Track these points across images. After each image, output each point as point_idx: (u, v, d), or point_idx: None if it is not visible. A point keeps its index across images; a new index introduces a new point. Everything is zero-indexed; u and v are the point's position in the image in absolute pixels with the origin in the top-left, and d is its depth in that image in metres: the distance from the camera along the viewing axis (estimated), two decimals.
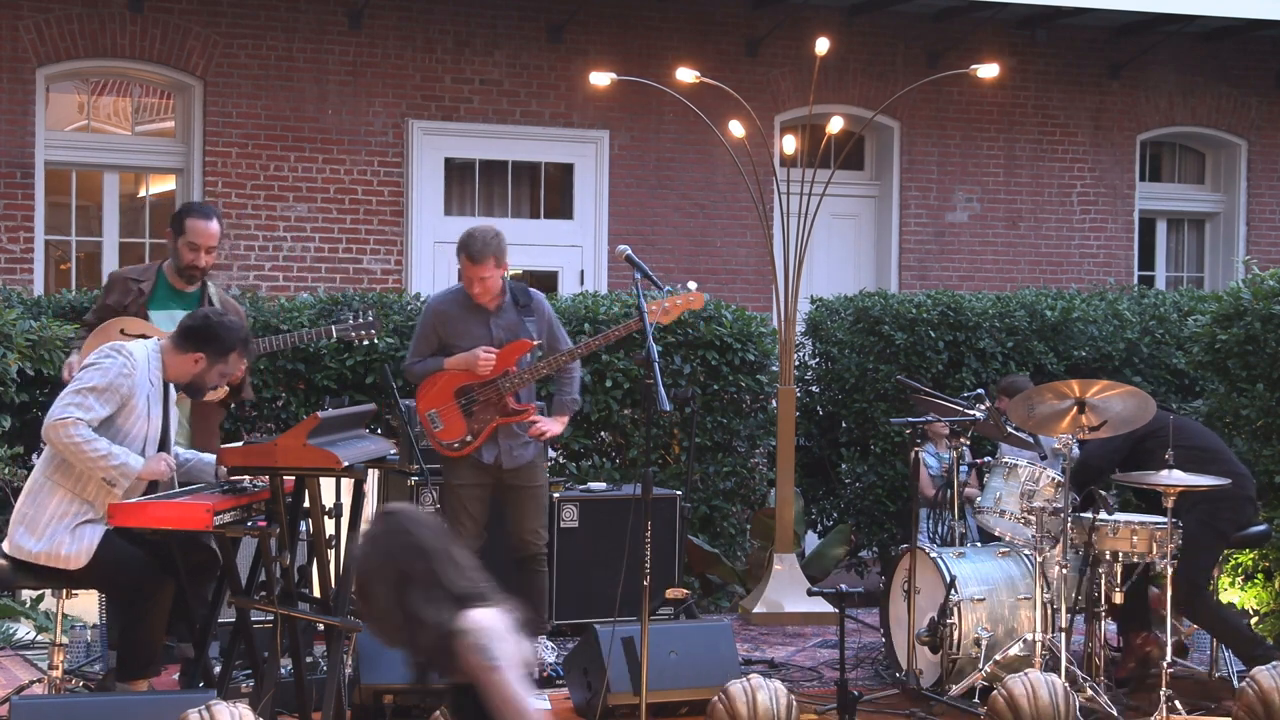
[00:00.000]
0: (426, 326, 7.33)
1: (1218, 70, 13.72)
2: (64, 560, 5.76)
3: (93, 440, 5.71)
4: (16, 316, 7.98)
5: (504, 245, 7.22)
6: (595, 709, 6.39)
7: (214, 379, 6.08)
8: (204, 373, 6.00)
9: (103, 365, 5.82)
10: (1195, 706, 6.84)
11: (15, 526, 5.83)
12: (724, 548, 9.44)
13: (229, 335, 6.01)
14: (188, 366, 5.99)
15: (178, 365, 6.00)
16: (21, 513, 5.83)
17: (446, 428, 7.22)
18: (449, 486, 7.30)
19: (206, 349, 5.98)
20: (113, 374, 5.79)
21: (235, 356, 6.05)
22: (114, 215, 11.32)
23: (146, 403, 5.90)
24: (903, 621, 7.24)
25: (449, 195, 11.93)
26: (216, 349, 5.98)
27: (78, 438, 5.69)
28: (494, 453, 7.20)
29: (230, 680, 6.20)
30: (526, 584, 7.31)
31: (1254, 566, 8.61)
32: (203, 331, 6.01)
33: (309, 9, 11.41)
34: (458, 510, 7.24)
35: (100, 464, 5.71)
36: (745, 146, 9.35)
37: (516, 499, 7.29)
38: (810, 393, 10.47)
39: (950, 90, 12.72)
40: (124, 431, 5.83)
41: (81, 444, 5.69)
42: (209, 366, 5.99)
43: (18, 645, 7.47)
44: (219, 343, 5.98)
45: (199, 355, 5.97)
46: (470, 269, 7.16)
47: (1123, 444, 7.10)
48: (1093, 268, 13.36)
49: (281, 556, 5.74)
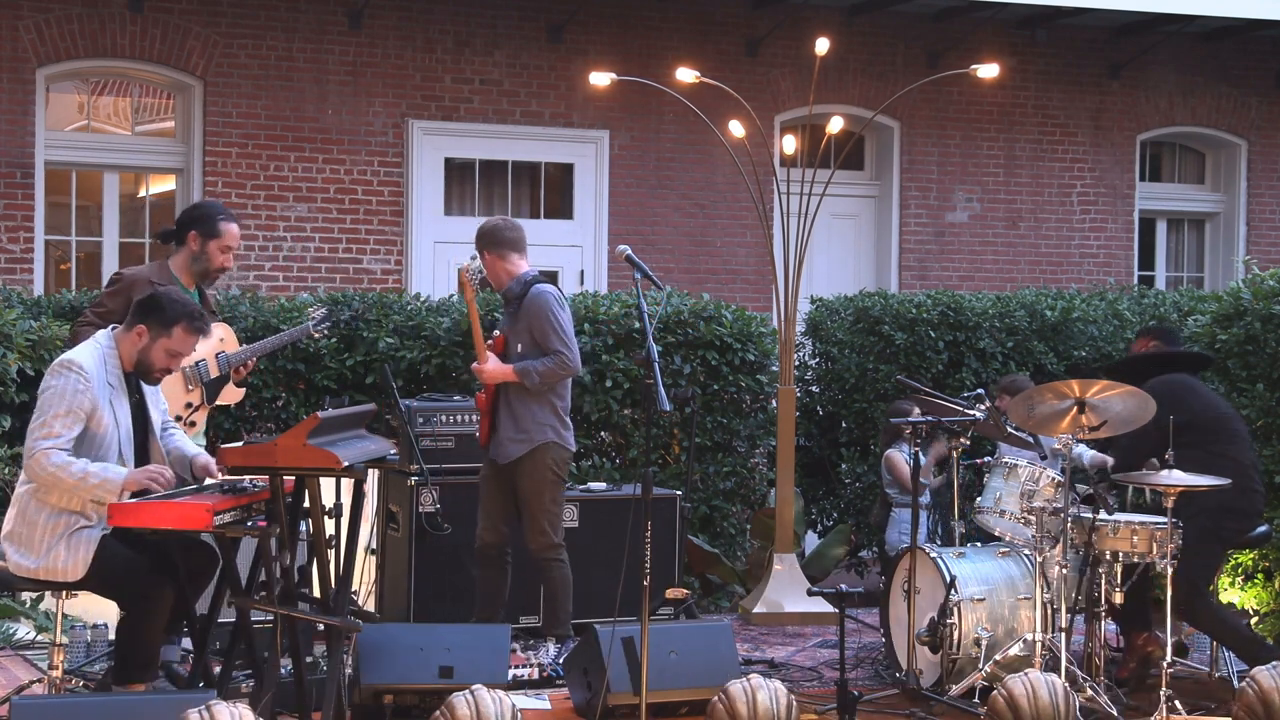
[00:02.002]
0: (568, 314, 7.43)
1: (1218, 70, 13.73)
2: (61, 573, 5.76)
3: (69, 465, 5.68)
4: (16, 316, 7.99)
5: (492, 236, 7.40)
6: (595, 709, 6.39)
7: (159, 358, 5.93)
8: (149, 348, 5.90)
9: (56, 388, 5.76)
10: (1195, 706, 6.83)
11: (8, 545, 5.82)
12: (724, 548, 9.44)
13: (173, 307, 5.92)
14: (133, 343, 5.92)
15: (127, 345, 5.93)
16: (14, 532, 5.81)
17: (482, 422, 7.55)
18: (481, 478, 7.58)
19: (149, 320, 5.90)
20: (69, 395, 5.74)
21: (180, 331, 5.91)
22: (114, 215, 11.33)
23: (110, 406, 5.85)
24: (903, 621, 7.23)
25: (449, 195, 11.93)
26: (159, 320, 5.88)
27: (52, 467, 5.67)
28: (494, 446, 7.44)
29: (230, 680, 6.20)
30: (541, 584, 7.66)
31: (1254, 566, 8.61)
32: (146, 303, 5.96)
33: (309, 9, 11.42)
34: (479, 502, 7.52)
35: (81, 487, 5.70)
36: (745, 146, 9.35)
37: (520, 499, 7.45)
38: (810, 393, 10.47)
39: (950, 90, 12.72)
40: (98, 439, 5.80)
41: (58, 471, 5.67)
42: (152, 341, 5.89)
43: (18, 645, 7.47)
44: (162, 313, 5.89)
45: (142, 328, 5.90)
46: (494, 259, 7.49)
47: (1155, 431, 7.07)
48: (1093, 268, 13.36)
49: (281, 556, 5.74)
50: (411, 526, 7.99)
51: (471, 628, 7.07)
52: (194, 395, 6.88)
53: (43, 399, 5.80)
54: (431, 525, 7.91)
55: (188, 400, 6.84)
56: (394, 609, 8.12)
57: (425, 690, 6.39)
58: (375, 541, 8.23)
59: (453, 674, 6.37)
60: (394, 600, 8.16)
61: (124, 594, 5.89)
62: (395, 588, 8.17)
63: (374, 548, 8.21)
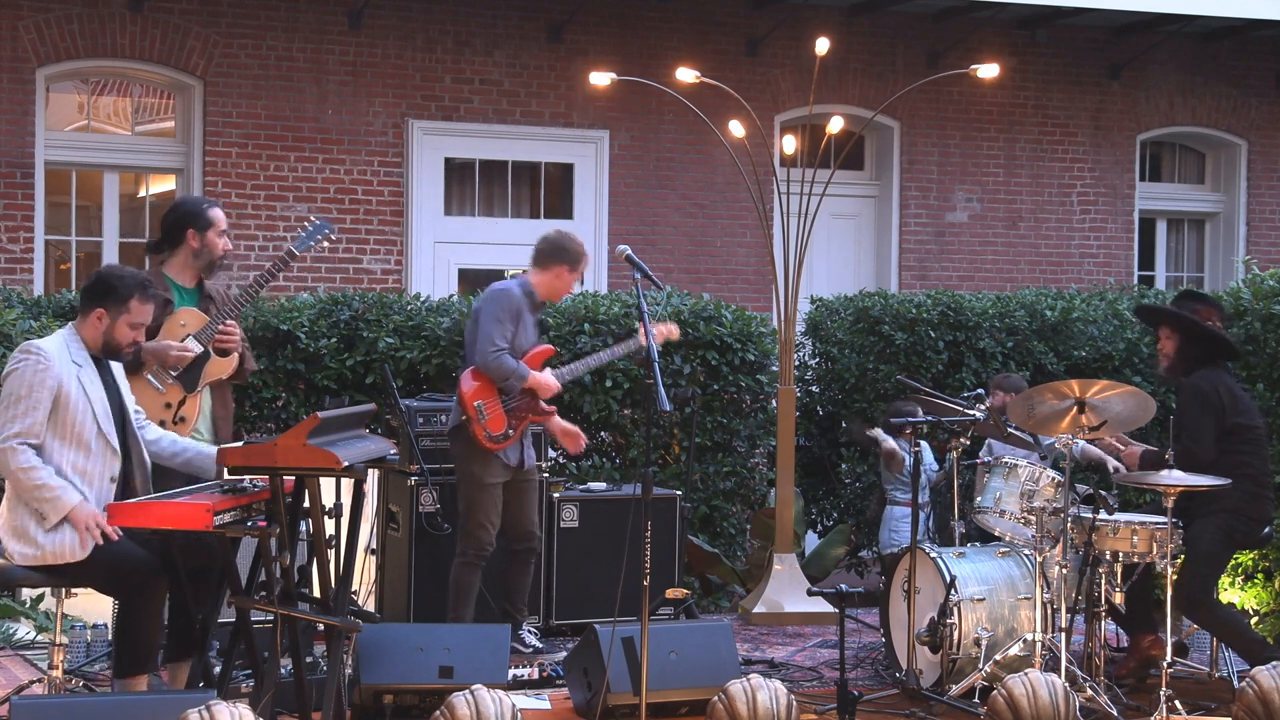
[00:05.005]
0: (510, 312, 7.50)
1: (1218, 70, 13.73)
2: (69, 554, 5.74)
3: (32, 469, 5.73)
4: (16, 316, 7.99)
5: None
6: (595, 709, 6.39)
7: (124, 333, 5.98)
8: (111, 328, 5.95)
9: (16, 371, 5.81)
10: (1195, 706, 6.83)
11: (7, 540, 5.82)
12: (724, 548, 9.44)
13: (122, 282, 5.97)
14: (95, 327, 5.96)
15: (89, 331, 5.97)
16: (11, 526, 5.81)
17: (491, 419, 7.49)
18: (481, 484, 7.54)
19: (104, 302, 5.95)
20: (28, 376, 5.78)
21: (136, 303, 5.96)
22: (114, 215, 11.33)
23: (79, 384, 5.87)
24: (903, 621, 7.23)
25: (449, 195, 11.93)
26: (114, 299, 5.93)
27: (14, 465, 5.73)
28: (518, 453, 7.61)
29: (230, 680, 6.20)
30: (520, 574, 7.79)
31: (1254, 566, 8.62)
32: (95, 287, 6.00)
33: (309, 9, 11.42)
34: (488, 508, 7.56)
35: (35, 495, 5.72)
36: (745, 146, 9.35)
37: (521, 493, 7.68)
38: (810, 393, 10.46)
39: (950, 90, 12.72)
40: (69, 416, 5.81)
41: (19, 471, 5.73)
42: (113, 321, 5.94)
43: (18, 645, 7.47)
44: (114, 293, 5.94)
45: (100, 311, 5.94)
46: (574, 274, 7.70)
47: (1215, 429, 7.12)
48: (1093, 268, 13.36)
49: (281, 556, 5.73)
50: (411, 526, 7.99)
51: (471, 627, 7.08)
52: (171, 395, 6.78)
53: (5, 389, 5.82)
54: (431, 525, 7.91)
55: (165, 401, 6.75)
56: (394, 609, 8.12)
57: (425, 690, 6.39)
58: (375, 541, 8.23)
59: (453, 674, 6.37)
60: (394, 600, 8.16)
61: (120, 585, 5.88)
62: (395, 588, 8.17)
63: (374, 548, 8.21)
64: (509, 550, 7.77)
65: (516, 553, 7.78)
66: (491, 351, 7.42)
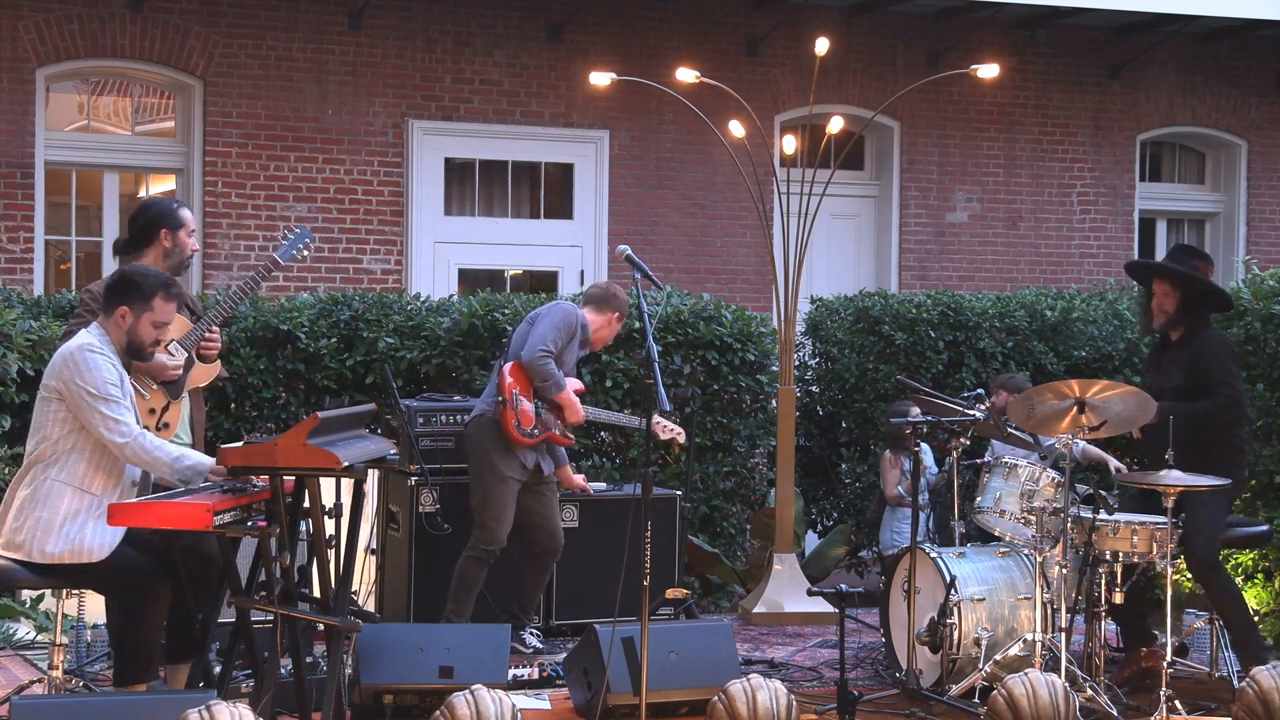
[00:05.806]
0: (568, 330, 7.70)
1: (1218, 70, 13.73)
2: (88, 554, 5.73)
3: (161, 446, 5.81)
4: (16, 316, 7.99)
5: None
6: (595, 709, 6.39)
7: (147, 332, 5.97)
8: (135, 326, 5.95)
9: (96, 366, 5.80)
10: (1195, 706, 6.83)
11: (30, 534, 5.77)
12: (724, 548, 9.44)
13: (146, 280, 5.97)
14: (119, 326, 5.96)
15: (114, 331, 5.97)
16: (36, 517, 5.77)
17: (524, 411, 7.59)
18: (500, 476, 7.62)
19: (129, 300, 5.94)
20: (107, 371, 5.80)
21: (160, 301, 5.96)
22: (114, 215, 11.32)
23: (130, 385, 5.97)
24: (903, 621, 7.23)
25: (449, 195, 11.93)
26: (139, 296, 5.93)
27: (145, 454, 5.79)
28: (535, 459, 7.69)
29: (230, 680, 6.20)
30: (535, 577, 7.89)
31: (1254, 566, 8.61)
32: (119, 285, 6.00)
33: (309, 9, 11.42)
34: (505, 501, 7.63)
35: (174, 464, 5.78)
36: (745, 146, 9.35)
37: (543, 497, 7.79)
38: (810, 393, 10.46)
39: (950, 90, 12.72)
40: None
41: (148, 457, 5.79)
42: (136, 319, 5.93)
43: (18, 645, 7.47)
44: (139, 290, 5.94)
45: (124, 309, 5.94)
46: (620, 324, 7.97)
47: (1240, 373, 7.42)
48: (1093, 268, 13.36)
49: (281, 556, 5.73)
50: (411, 526, 8.00)
51: (472, 627, 7.08)
52: (155, 400, 6.71)
53: (93, 379, 5.78)
54: (431, 525, 7.91)
55: (149, 408, 6.74)
56: (394, 609, 8.12)
57: (425, 690, 6.39)
58: (375, 541, 8.23)
59: (453, 674, 6.38)
60: (394, 600, 8.16)
61: (124, 590, 5.87)
62: (395, 588, 8.17)
63: (374, 548, 8.21)
64: (529, 552, 7.82)
65: (536, 555, 7.82)
66: (541, 351, 7.55)
